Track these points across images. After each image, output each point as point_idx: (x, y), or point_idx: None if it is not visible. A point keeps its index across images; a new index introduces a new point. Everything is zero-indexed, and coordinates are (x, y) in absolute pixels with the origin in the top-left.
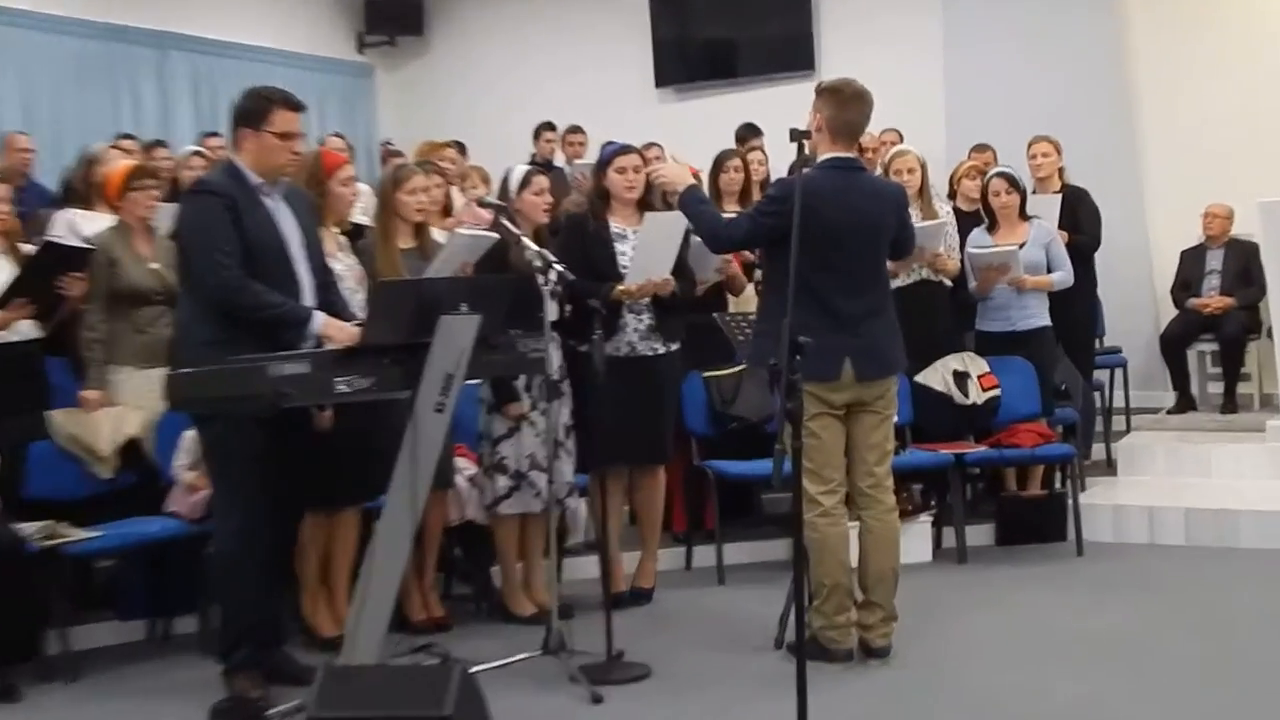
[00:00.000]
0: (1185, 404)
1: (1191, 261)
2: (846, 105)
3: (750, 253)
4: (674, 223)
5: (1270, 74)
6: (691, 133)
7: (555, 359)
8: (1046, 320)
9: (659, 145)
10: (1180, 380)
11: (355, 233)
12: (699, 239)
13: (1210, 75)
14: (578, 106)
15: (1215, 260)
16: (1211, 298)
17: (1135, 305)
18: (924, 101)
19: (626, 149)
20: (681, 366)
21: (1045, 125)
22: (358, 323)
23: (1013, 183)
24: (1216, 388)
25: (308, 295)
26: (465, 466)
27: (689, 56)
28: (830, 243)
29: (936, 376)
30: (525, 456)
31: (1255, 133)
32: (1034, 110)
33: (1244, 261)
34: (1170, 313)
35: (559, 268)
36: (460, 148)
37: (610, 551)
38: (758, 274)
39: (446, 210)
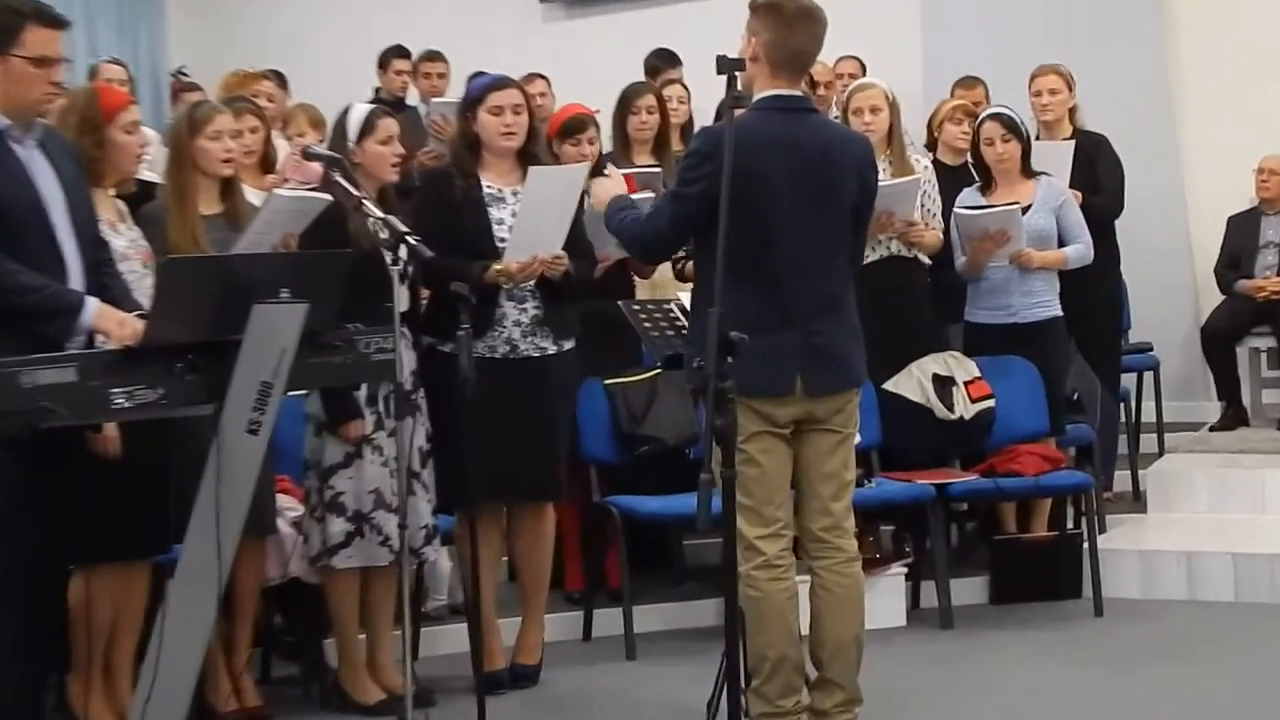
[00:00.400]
0: (1235, 418)
1: (1242, 231)
2: (791, 26)
3: None
4: (566, 180)
5: None
6: (587, 61)
7: (408, 362)
8: (1057, 309)
9: (544, 77)
10: (1228, 386)
11: (140, 195)
12: None
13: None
14: (437, 26)
15: (1273, 229)
16: (1268, 278)
17: (1169, 288)
18: (894, 21)
19: (502, 82)
20: (577, 371)
21: (1053, 52)
22: (142, 314)
23: (1012, 128)
24: (1275, 396)
25: (75, 277)
26: (289, 506)
27: None
28: (773, 209)
29: (912, 384)
30: (368, 492)
31: None
32: (1038, 33)
33: None
34: (1215, 298)
35: (413, 240)
36: (280, 80)
37: (483, 617)
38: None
39: (265, 164)
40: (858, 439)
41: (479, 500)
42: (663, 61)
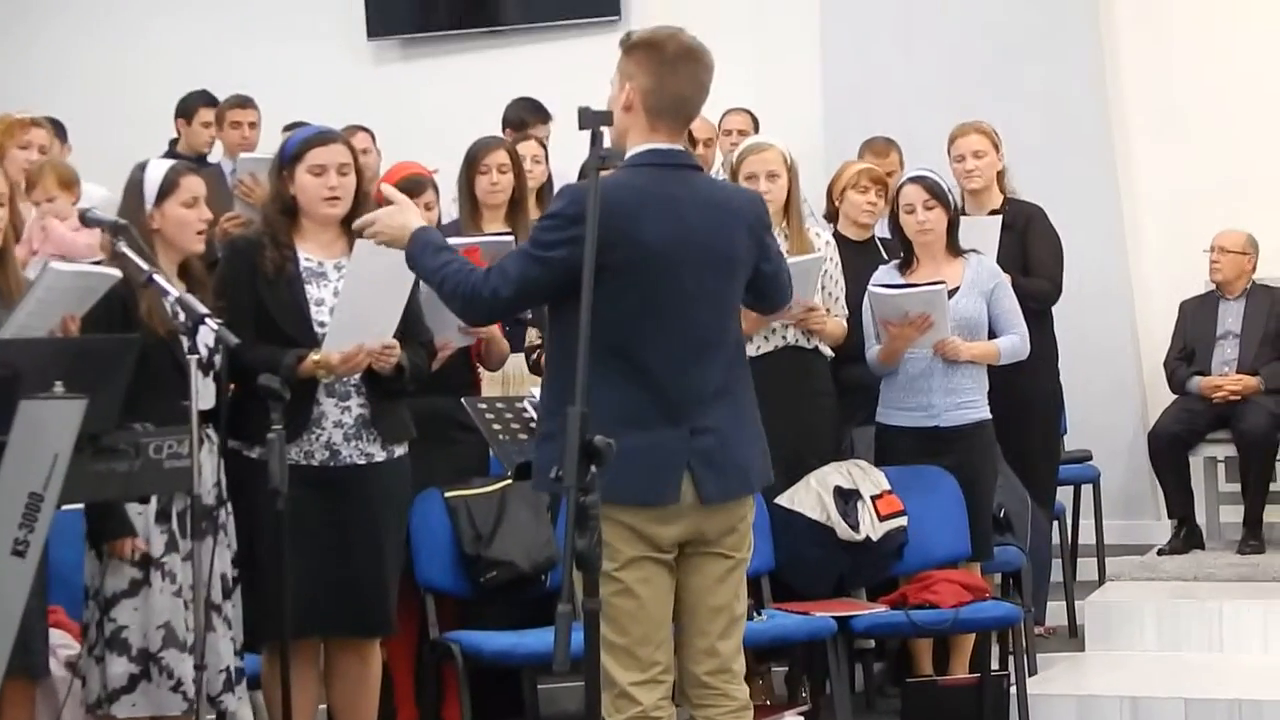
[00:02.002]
0: (1188, 539)
1: (1197, 319)
2: (672, 69)
3: None
4: (399, 255)
5: None
6: (426, 110)
7: (210, 471)
8: (985, 411)
9: (367, 130)
10: (1180, 502)
11: None
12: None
13: (1226, 37)
14: (247, 68)
15: (1231, 317)
16: (1226, 375)
17: (1113, 386)
18: (790, 69)
19: (325, 136)
20: (411, 482)
21: (976, 108)
22: None
23: (937, 194)
24: (1234, 513)
25: None
26: (63, 643)
27: None
28: (651, 283)
29: (810, 498)
30: (157, 627)
31: None
32: (959, 86)
33: (1275, 319)
34: (1165, 398)
35: (215, 324)
36: (58, 130)
37: None
38: (531, 334)
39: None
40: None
41: (291, 635)
42: (530, 113)
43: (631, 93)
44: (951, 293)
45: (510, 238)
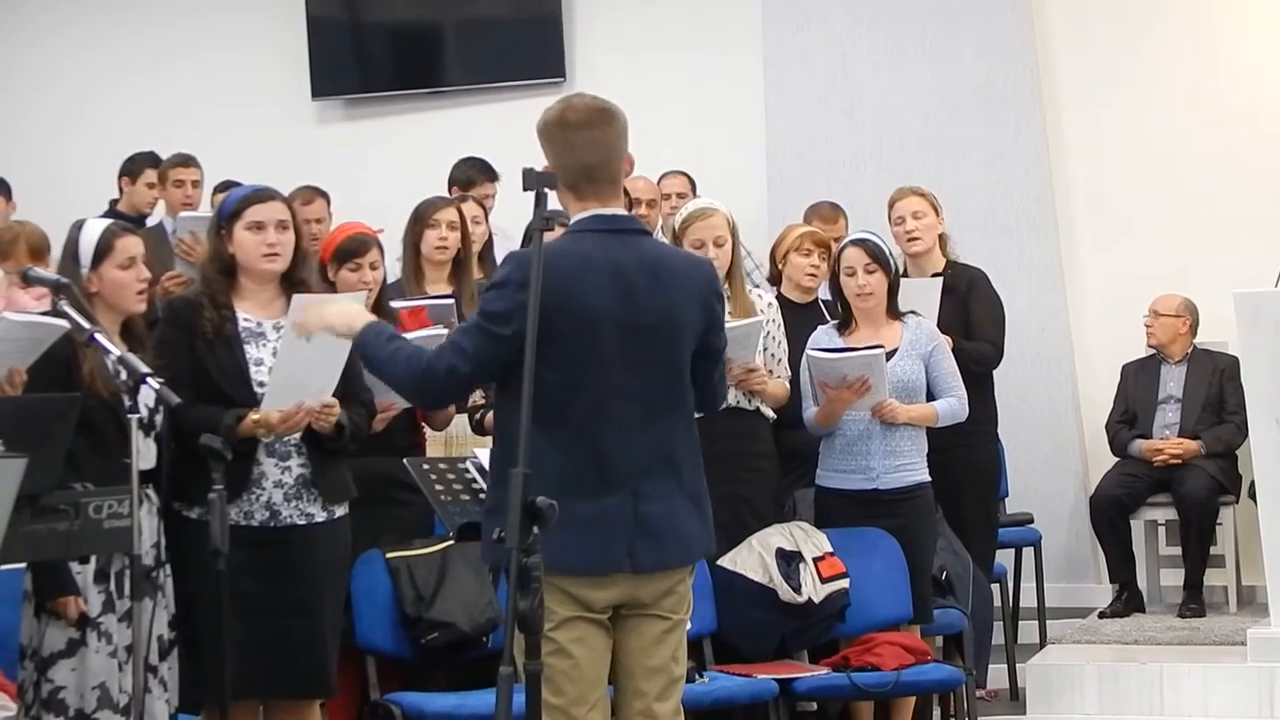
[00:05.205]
0: (1129, 603)
1: (1139, 382)
2: (571, 142)
3: None
4: None
5: (1247, 107)
6: (370, 170)
7: (149, 531)
8: (924, 474)
9: (319, 191)
10: (1121, 566)
11: None
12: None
13: (1161, 109)
14: (192, 127)
15: (1173, 381)
16: (1167, 439)
17: (1054, 449)
18: (735, 130)
19: (263, 193)
20: (351, 542)
21: (918, 172)
22: None
23: (878, 257)
24: (1174, 577)
25: None
26: (0, 704)
27: (366, 51)
28: (594, 349)
29: (752, 559)
30: (94, 688)
31: (1227, 191)
32: (901, 151)
33: (1216, 384)
34: (1106, 461)
35: (156, 384)
36: (2, 188)
37: None
38: (475, 394)
39: None
40: (688, 626)
41: (231, 698)
42: (478, 173)
43: (551, 170)
44: (889, 355)
45: (451, 300)
